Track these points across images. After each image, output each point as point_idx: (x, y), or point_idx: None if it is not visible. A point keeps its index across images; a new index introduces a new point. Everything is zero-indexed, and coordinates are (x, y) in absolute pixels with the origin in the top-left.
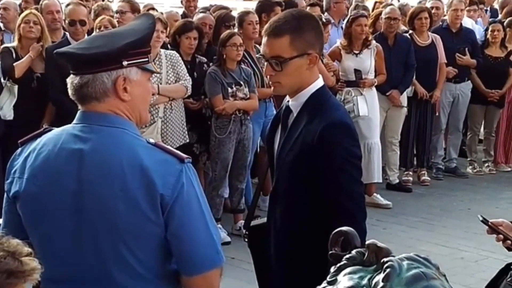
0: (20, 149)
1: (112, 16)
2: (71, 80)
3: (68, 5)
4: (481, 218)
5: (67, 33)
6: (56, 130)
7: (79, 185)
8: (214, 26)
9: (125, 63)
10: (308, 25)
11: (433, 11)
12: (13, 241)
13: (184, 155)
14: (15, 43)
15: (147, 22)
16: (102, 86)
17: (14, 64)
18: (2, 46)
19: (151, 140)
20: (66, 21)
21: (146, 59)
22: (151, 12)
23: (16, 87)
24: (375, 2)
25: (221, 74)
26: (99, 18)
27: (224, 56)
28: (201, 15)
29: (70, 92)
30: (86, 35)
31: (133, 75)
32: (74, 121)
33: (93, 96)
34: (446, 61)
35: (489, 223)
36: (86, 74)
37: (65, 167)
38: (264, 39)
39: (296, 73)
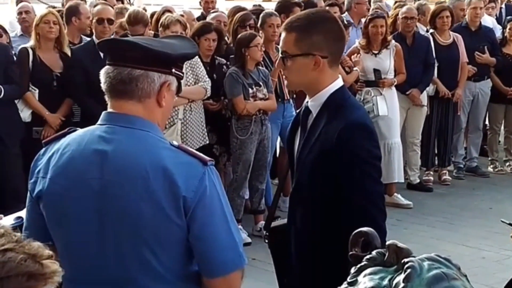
0: (44, 149)
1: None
2: (118, 71)
3: (96, 5)
4: (507, 222)
5: (83, 37)
6: (80, 131)
7: (102, 186)
8: (236, 27)
9: (173, 70)
10: (319, 27)
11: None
12: (34, 244)
13: (207, 158)
14: (32, 43)
15: (191, 43)
16: (152, 85)
17: (30, 96)
18: (20, 47)
19: (175, 143)
20: (94, 21)
21: (182, 75)
22: (166, 14)
23: (36, 92)
24: (395, 1)
25: (242, 75)
26: (119, 21)
27: (248, 57)
28: (214, 14)
29: (106, 82)
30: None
31: (173, 85)
32: (99, 122)
33: (137, 93)
34: (467, 60)
35: None
36: (138, 69)
37: (88, 168)
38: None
39: (300, 72)
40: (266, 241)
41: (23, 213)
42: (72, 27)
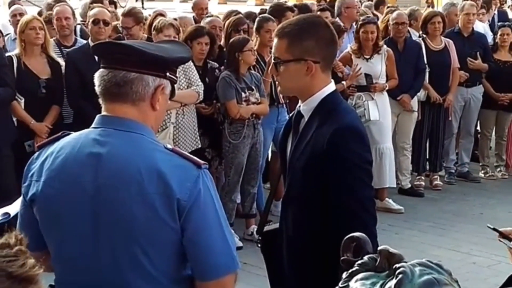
0: (37, 153)
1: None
2: (113, 74)
3: (92, 8)
4: (492, 227)
5: (79, 39)
6: (74, 134)
7: (96, 189)
8: (230, 31)
9: (168, 74)
10: (310, 33)
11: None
12: (29, 261)
13: (201, 161)
14: (17, 50)
15: (185, 47)
16: (146, 88)
17: (16, 105)
18: (6, 55)
19: (169, 146)
20: (89, 22)
21: (176, 79)
22: (159, 18)
23: (22, 101)
24: (387, 7)
25: (235, 79)
26: (113, 23)
27: (242, 61)
28: (209, 18)
29: (101, 85)
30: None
31: (167, 89)
32: (93, 125)
33: (132, 96)
34: (459, 66)
35: (500, 231)
36: (132, 72)
37: (82, 171)
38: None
39: (292, 78)
40: (259, 245)
41: (10, 209)
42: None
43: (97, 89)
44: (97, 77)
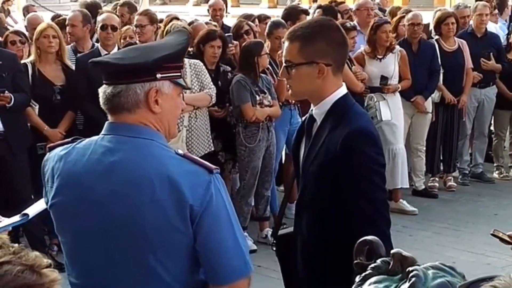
0: (47, 155)
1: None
2: (104, 90)
3: (101, 13)
4: (493, 232)
5: (96, 44)
6: (85, 141)
7: (107, 196)
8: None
9: (158, 75)
10: (321, 35)
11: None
12: (32, 254)
13: (213, 166)
14: (32, 57)
15: (181, 38)
16: (134, 97)
17: (30, 111)
18: (22, 62)
19: (180, 151)
20: (98, 27)
21: (179, 74)
22: (175, 22)
23: (37, 108)
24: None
25: (250, 82)
26: (124, 28)
27: (260, 64)
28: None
29: (101, 101)
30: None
31: (165, 88)
32: (103, 132)
33: (124, 106)
34: (472, 66)
35: (500, 237)
36: (120, 84)
37: (93, 178)
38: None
39: (304, 81)
40: (274, 248)
41: (29, 210)
42: None
43: (101, 105)
44: (100, 94)
